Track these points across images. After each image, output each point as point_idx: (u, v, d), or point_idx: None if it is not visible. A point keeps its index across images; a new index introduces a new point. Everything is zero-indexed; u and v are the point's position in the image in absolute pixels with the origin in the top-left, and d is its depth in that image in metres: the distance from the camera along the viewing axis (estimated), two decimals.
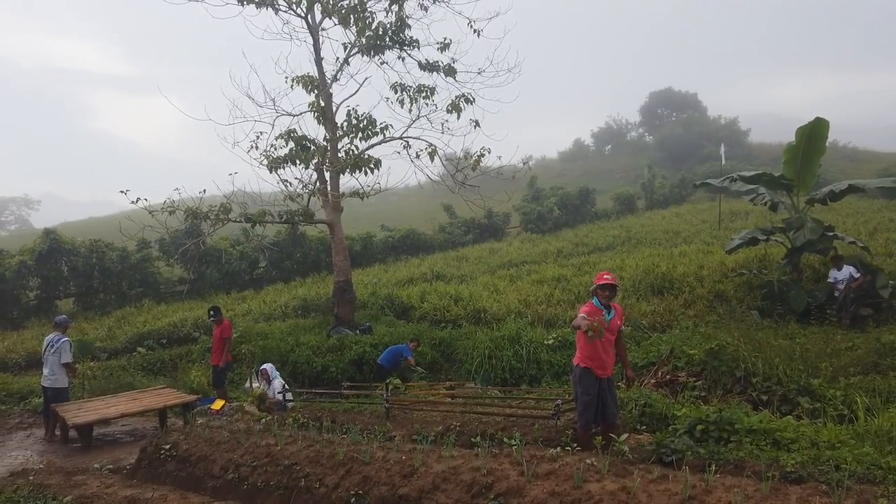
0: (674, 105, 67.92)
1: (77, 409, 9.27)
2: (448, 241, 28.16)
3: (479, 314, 14.36)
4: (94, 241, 21.42)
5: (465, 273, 20.17)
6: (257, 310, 17.68)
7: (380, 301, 16.43)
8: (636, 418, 6.98)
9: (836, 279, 12.19)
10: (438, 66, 14.99)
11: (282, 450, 6.19)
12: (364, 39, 14.66)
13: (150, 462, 7.15)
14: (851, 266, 12.17)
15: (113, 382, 12.10)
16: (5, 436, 9.93)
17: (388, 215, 37.75)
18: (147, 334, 15.54)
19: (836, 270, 12.23)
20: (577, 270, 17.80)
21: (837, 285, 12.12)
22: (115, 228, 24.94)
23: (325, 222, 14.51)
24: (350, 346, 12.76)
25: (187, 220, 12.27)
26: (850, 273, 12.00)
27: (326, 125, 14.55)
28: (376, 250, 26.15)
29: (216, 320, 11.06)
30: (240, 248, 23.38)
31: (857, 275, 11.94)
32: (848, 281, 11.93)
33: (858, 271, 12.03)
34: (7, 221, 79.49)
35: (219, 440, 6.87)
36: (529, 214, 29.79)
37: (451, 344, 12.91)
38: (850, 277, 11.95)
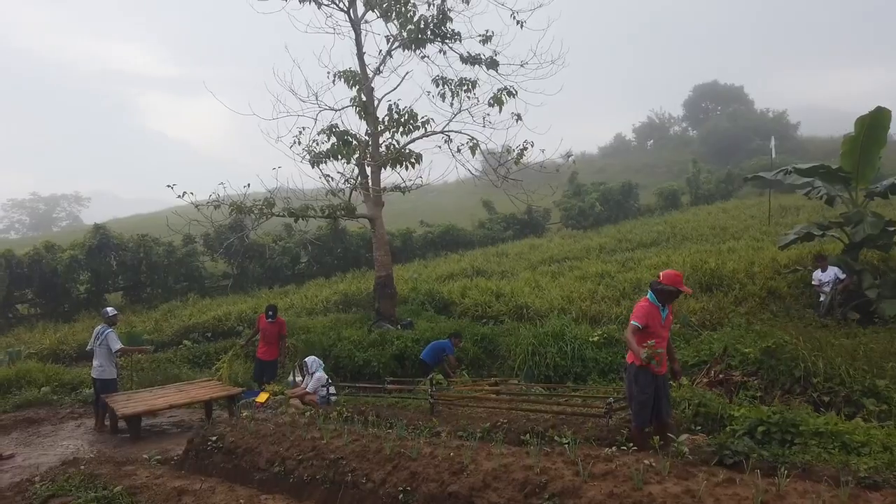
0: (719, 98, 66.28)
1: (126, 399, 9.42)
2: (487, 236, 27.96)
3: (521, 310, 14.17)
4: (142, 237, 21.88)
5: (506, 269, 19.96)
6: (299, 304, 17.80)
7: (420, 296, 16.38)
8: (690, 418, 6.73)
9: (820, 281, 11.70)
10: (480, 59, 14.84)
11: (327, 444, 6.14)
12: (405, 33, 14.60)
13: (198, 453, 7.19)
14: (836, 267, 11.64)
15: (160, 374, 12.29)
16: (57, 425, 10.17)
17: (426, 211, 37.73)
18: (192, 327, 15.79)
19: (821, 272, 11.72)
20: (621, 267, 17.42)
21: (822, 287, 11.63)
22: (161, 224, 25.48)
23: (366, 217, 14.51)
24: (391, 341, 12.73)
25: (232, 213, 12.40)
26: (835, 274, 11.49)
27: (368, 120, 14.53)
28: (416, 246, 26.13)
29: (273, 319, 11.20)
30: (282, 244, 23.63)
31: (842, 276, 11.43)
32: (833, 282, 11.41)
33: (844, 272, 11.51)
34: (59, 218, 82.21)
35: (264, 433, 6.86)
36: (570, 210, 29.38)
37: (493, 340, 12.76)
38: (835, 279, 11.43)
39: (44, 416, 10.52)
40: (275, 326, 11.23)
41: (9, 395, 11.27)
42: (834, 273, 11.52)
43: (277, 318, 11.41)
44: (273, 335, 11.26)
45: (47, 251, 20.39)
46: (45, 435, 9.60)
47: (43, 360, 13.61)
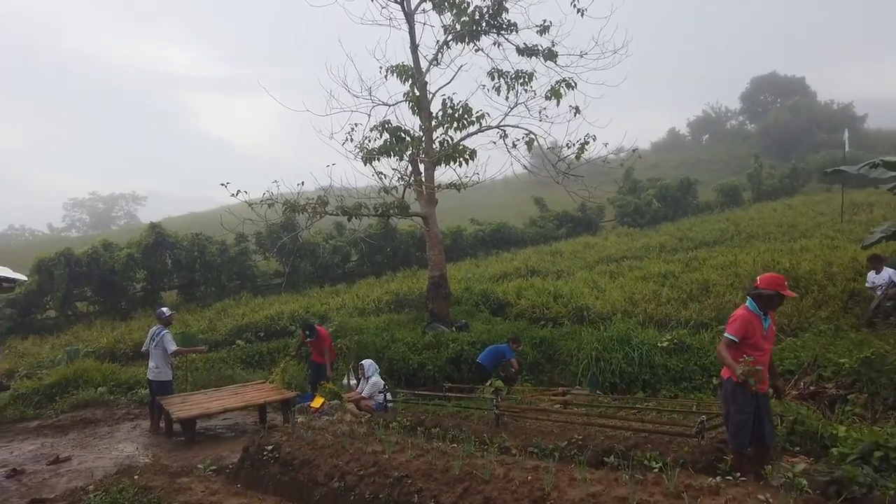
0: (779, 90, 63.70)
1: (181, 402, 9.25)
2: (540, 234, 27.29)
3: (581, 312, 13.54)
4: (196, 235, 22.06)
5: (562, 268, 19.31)
6: (351, 304, 17.55)
7: (474, 297, 15.90)
8: (784, 436, 6.07)
9: (873, 283, 10.71)
10: (537, 51, 14.25)
11: (390, 459, 5.72)
12: (459, 25, 14.13)
13: (253, 463, 6.88)
14: (893, 269, 10.60)
15: (214, 374, 12.19)
16: (113, 426, 10.10)
17: (475, 209, 37.17)
18: (245, 327, 15.69)
19: (875, 273, 10.72)
20: (685, 266, 16.59)
21: (875, 290, 10.64)
22: (213, 223, 25.69)
23: (419, 215, 14.09)
24: (447, 344, 12.28)
25: (285, 212, 12.16)
26: (889, 277, 10.48)
27: (421, 115, 14.12)
28: (466, 244, 25.68)
29: (312, 337, 10.89)
30: (332, 242, 23.50)
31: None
32: (887, 286, 10.42)
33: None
34: (117, 217, 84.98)
35: (322, 444, 6.50)
36: (626, 207, 28.45)
37: (552, 344, 12.18)
38: (889, 282, 10.42)
39: (100, 417, 10.48)
40: (317, 342, 10.98)
41: (67, 395, 11.30)
42: (889, 276, 10.59)
43: (318, 331, 11.12)
44: (319, 348, 11.03)
45: (105, 249, 20.72)
46: (101, 437, 9.52)
47: (100, 358, 13.69)
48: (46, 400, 11.27)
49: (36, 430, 10.04)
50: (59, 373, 12.02)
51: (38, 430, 10.05)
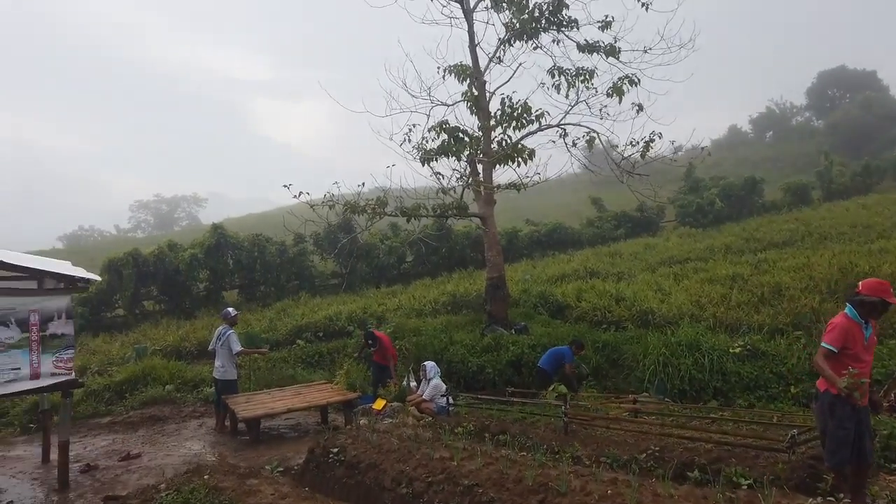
0: (848, 85, 60.75)
1: (246, 401, 9.35)
2: (597, 235, 26.72)
3: (645, 316, 13.09)
4: (256, 236, 22.47)
5: (622, 270, 18.80)
6: (407, 305, 17.52)
7: (532, 299, 15.62)
8: (878, 452, 5.65)
9: None
10: (599, 47, 13.89)
11: (459, 466, 5.57)
12: (518, 23, 13.91)
13: (318, 465, 6.86)
14: None
15: (276, 374, 12.31)
16: (181, 424, 10.30)
17: (529, 210, 36.79)
18: (305, 327, 15.83)
19: None
20: (755, 269, 15.87)
21: None
22: (271, 224, 26.08)
23: (478, 216, 13.93)
24: (506, 347, 12.05)
25: (345, 213, 12.19)
26: None
27: (480, 114, 13.95)
28: (521, 245, 25.38)
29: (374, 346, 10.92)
30: (388, 243, 23.57)
31: None
32: None
33: None
34: (179, 218, 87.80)
35: (388, 448, 6.41)
36: (687, 207, 27.57)
37: (616, 348, 11.80)
38: None
39: (168, 415, 10.70)
40: (380, 350, 11.06)
41: (136, 392, 11.60)
42: None
43: (379, 338, 11.16)
44: (382, 355, 11.10)
45: (170, 250, 21.33)
46: (169, 434, 9.71)
47: (166, 356, 14.03)
48: (117, 396, 11.59)
49: (108, 426, 10.34)
50: (129, 370, 12.37)
51: (109, 426, 10.34)
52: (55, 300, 7.23)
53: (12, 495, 7.09)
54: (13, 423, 10.56)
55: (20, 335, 6.89)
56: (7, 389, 6.83)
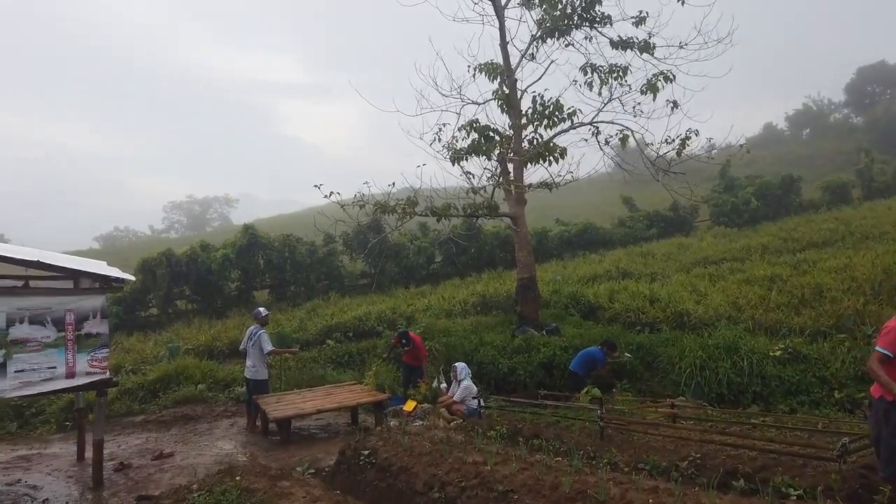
0: (889, 80, 59.05)
1: (276, 401, 9.35)
2: (629, 235, 26.31)
3: (680, 317, 12.79)
4: (286, 236, 22.60)
5: (655, 271, 18.44)
6: (437, 305, 17.42)
7: (563, 300, 15.40)
8: None
9: None
10: (633, 43, 13.63)
11: (492, 471, 5.44)
12: (550, 20, 13.72)
13: (349, 467, 6.79)
14: None
15: (306, 374, 12.32)
16: (212, 423, 10.34)
17: (558, 209, 36.41)
18: (335, 327, 15.84)
19: None
20: (794, 269, 15.43)
21: None
22: (300, 224, 26.18)
23: (508, 216, 13.77)
24: (538, 348, 11.88)
25: (375, 213, 12.15)
26: None
27: (511, 113, 13.80)
28: (551, 245, 25.11)
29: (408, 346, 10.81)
30: (417, 243, 23.52)
31: None
32: None
33: None
34: (212, 219, 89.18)
35: (420, 451, 6.31)
36: (722, 206, 26.97)
37: (650, 350, 11.53)
38: None
39: (200, 414, 10.77)
40: (413, 350, 10.94)
41: (169, 391, 11.70)
42: None
43: (412, 338, 11.04)
44: (413, 356, 10.99)
45: (202, 250, 21.57)
46: (201, 433, 9.75)
47: (199, 355, 14.15)
48: (150, 395, 11.71)
49: (141, 425, 10.44)
50: (162, 369, 12.49)
51: (142, 425, 10.44)
52: (90, 300, 7.28)
53: (48, 493, 7.17)
54: (50, 421, 10.73)
55: (56, 334, 6.95)
56: (44, 388, 6.90)
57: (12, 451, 9.26)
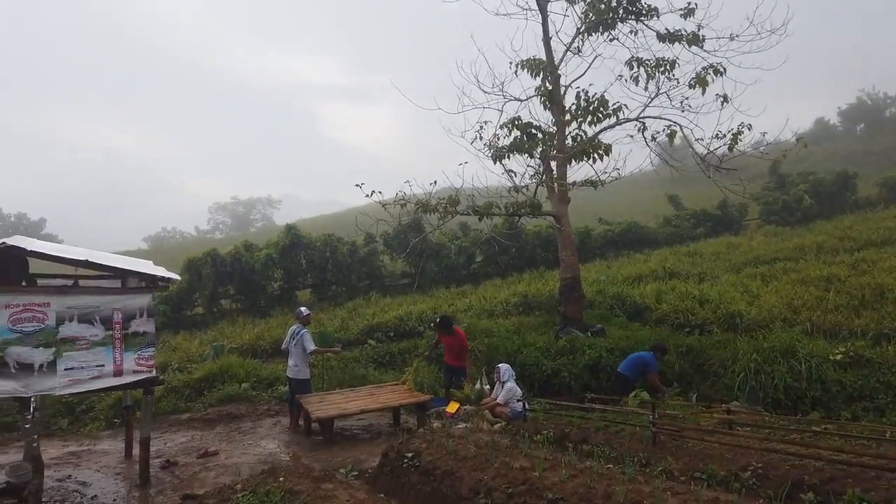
0: None
1: (319, 401, 9.32)
2: (674, 234, 25.65)
3: (732, 319, 12.33)
4: (328, 236, 22.73)
5: (703, 271, 17.88)
6: (478, 305, 17.24)
7: (608, 300, 15.04)
8: None
9: None
10: (681, 36, 13.21)
11: (541, 477, 5.25)
12: (594, 14, 13.41)
13: (392, 470, 6.67)
14: None
15: (348, 374, 12.29)
16: (256, 422, 10.38)
17: (600, 208, 35.74)
18: (376, 326, 15.79)
19: None
20: (853, 269, 14.76)
21: None
22: (341, 224, 26.31)
23: (551, 214, 13.50)
24: (583, 350, 11.61)
25: (417, 212, 12.04)
26: None
27: (553, 109, 13.53)
28: (594, 245, 24.65)
29: (449, 331, 10.57)
30: (458, 243, 23.38)
31: None
32: None
33: None
34: (255, 219, 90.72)
35: (465, 454, 6.15)
36: (772, 204, 26.10)
37: (701, 353, 11.16)
38: None
39: (244, 412, 10.82)
40: (455, 340, 10.56)
41: (214, 389, 11.81)
42: None
43: (456, 329, 10.76)
44: (455, 347, 10.59)
45: (246, 250, 21.84)
46: (244, 432, 9.79)
47: (243, 354, 14.27)
48: (195, 393, 11.83)
49: (186, 423, 10.55)
50: (207, 367, 12.62)
51: (188, 423, 10.55)
52: (137, 299, 7.34)
53: (96, 489, 7.25)
54: (99, 418, 10.94)
55: (104, 333, 7.02)
56: (92, 385, 6.97)
57: (63, 446, 9.45)
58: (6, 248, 6.78)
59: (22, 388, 6.52)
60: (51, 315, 6.75)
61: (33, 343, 6.62)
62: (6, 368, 6.46)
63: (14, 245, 6.84)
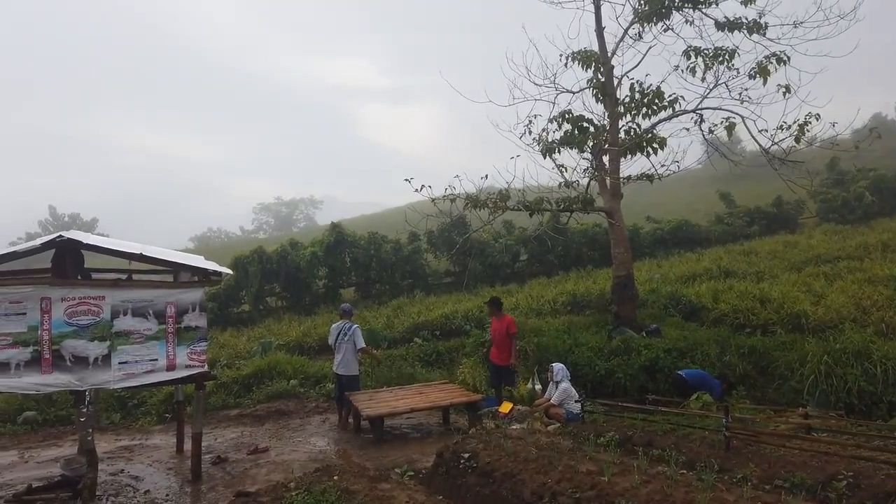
0: None
1: (368, 399, 9.15)
2: (727, 233, 24.79)
3: (797, 319, 11.74)
4: (372, 234, 22.69)
5: (761, 270, 17.19)
6: (524, 304, 16.91)
7: (662, 299, 14.54)
8: None
9: None
10: (741, 24, 12.65)
11: (610, 483, 4.93)
12: (648, 3, 12.94)
13: (448, 470, 6.43)
14: None
15: (394, 372, 12.12)
16: (304, 419, 10.28)
17: (646, 207, 34.84)
18: (421, 325, 15.65)
19: None
20: None
21: None
22: (381, 225, 26.26)
23: (604, 210, 13.09)
24: (638, 350, 11.15)
25: (466, 207, 11.79)
26: None
27: (606, 101, 13.11)
28: (643, 244, 23.98)
29: (498, 312, 10.29)
30: (502, 241, 23.06)
31: None
32: None
33: None
34: (298, 220, 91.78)
35: (526, 456, 5.86)
36: (831, 202, 25.02)
37: (764, 354, 10.60)
38: None
39: (292, 409, 10.75)
40: (501, 324, 10.21)
41: (262, 386, 11.78)
42: None
43: (504, 314, 10.46)
44: (501, 334, 10.21)
45: (292, 248, 21.97)
46: (293, 429, 9.69)
47: (290, 351, 14.26)
48: (244, 389, 11.83)
49: (236, 419, 10.52)
50: (255, 364, 12.61)
51: (237, 419, 10.52)
52: (190, 293, 7.28)
53: (149, 484, 7.21)
54: (150, 413, 11.00)
55: (157, 327, 6.97)
56: (145, 380, 6.93)
57: (116, 440, 9.50)
58: (64, 241, 6.80)
59: (77, 382, 6.51)
60: (105, 308, 6.73)
61: (88, 336, 6.61)
62: (62, 361, 6.46)
63: (71, 238, 6.86)
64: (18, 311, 6.32)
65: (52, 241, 6.79)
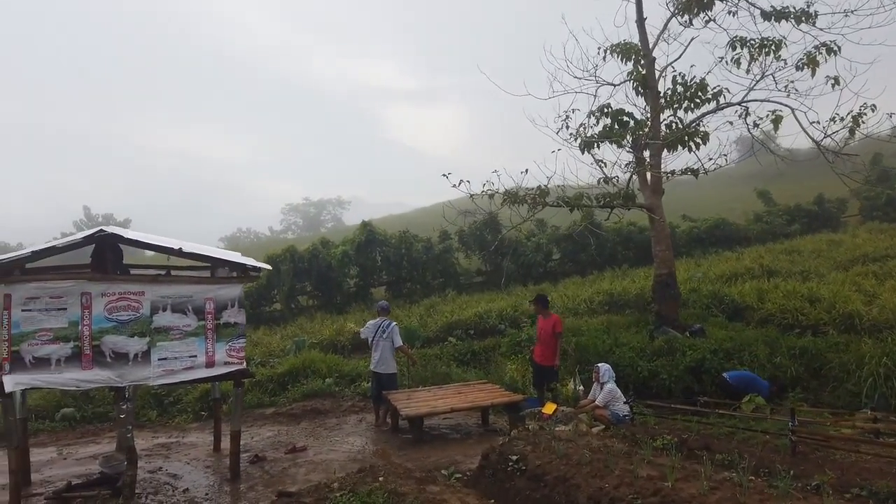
0: None
1: (407, 398, 8.96)
2: (766, 231, 24.12)
3: (850, 319, 11.25)
4: (403, 233, 22.55)
5: (805, 269, 16.61)
6: (559, 304, 16.56)
7: (704, 299, 14.10)
8: None
9: None
10: (788, 13, 12.18)
11: (674, 489, 4.64)
12: None
13: (495, 473, 6.18)
14: None
15: (429, 371, 11.93)
16: (341, 418, 10.12)
17: (681, 205, 34.14)
18: (455, 324, 15.44)
19: None
20: None
21: None
22: (407, 225, 26.13)
23: (645, 206, 12.71)
24: (683, 351, 10.79)
25: (505, 203, 11.53)
26: None
27: (647, 94, 12.75)
28: (680, 242, 23.41)
29: (545, 308, 10.01)
30: (534, 240, 22.73)
31: None
32: None
33: None
34: (325, 220, 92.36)
35: (578, 459, 5.59)
36: (875, 199, 24.20)
37: (817, 356, 10.17)
38: None
39: (328, 408, 10.60)
40: (548, 323, 9.91)
41: (297, 384, 11.65)
42: None
43: (551, 313, 10.16)
44: (547, 333, 9.88)
45: (323, 247, 21.93)
46: (330, 428, 9.53)
47: (323, 349, 14.14)
48: (279, 388, 11.72)
49: (272, 417, 10.40)
50: (289, 362, 12.50)
51: (273, 417, 10.40)
52: (229, 289, 7.14)
53: (187, 482, 7.09)
54: (186, 410, 10.93)
55: (197, 323, 6.86)
56: (185, 376, 6.82)
57: (153, 438, 9.44)
58: (104, 235, 6.71)
59: (117, 378, 6.41)
60: (145, 304, 6.63)
61: (128, 332, 6.51)
62: (102, 357, 6.37)
63: (111, 233, 6.76)
64: (59, 305, 6.24)
65: (92, 236, 6.71)
